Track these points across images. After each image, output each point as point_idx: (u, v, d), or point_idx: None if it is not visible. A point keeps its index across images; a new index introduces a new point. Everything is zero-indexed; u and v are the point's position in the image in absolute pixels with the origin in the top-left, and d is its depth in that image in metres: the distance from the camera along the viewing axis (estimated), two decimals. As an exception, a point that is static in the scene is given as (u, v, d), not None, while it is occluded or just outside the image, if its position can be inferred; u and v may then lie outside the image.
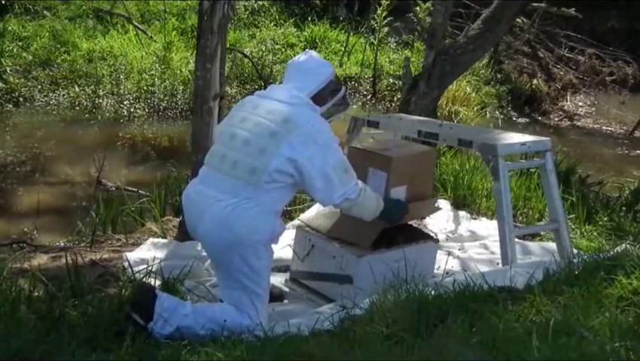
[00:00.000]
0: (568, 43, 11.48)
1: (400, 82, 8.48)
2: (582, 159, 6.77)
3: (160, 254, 3.97)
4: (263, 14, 11.44)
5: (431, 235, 3.80)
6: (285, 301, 3.59)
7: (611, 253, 3.26)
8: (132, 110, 8.83)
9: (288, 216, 4.63)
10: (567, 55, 11.45)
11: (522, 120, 10.18)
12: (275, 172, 2.99)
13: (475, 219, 4.90)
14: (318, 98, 3.17)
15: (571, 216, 4.81)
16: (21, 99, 8.83)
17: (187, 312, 2.99)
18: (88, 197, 5.66)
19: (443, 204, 5.01)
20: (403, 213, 3.47)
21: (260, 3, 11.58)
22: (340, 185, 3.05)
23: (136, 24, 10.34)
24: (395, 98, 9.55)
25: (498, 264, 3.86)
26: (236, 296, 3.05)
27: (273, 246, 3.14)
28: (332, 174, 3.02)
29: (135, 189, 5.52)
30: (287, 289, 3.71)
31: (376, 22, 10.27)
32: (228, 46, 5.55)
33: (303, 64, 3.27)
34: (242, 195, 3.01)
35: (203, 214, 3.07)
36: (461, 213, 4.92)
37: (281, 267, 3.85)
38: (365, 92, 10.11)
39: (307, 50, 3.46)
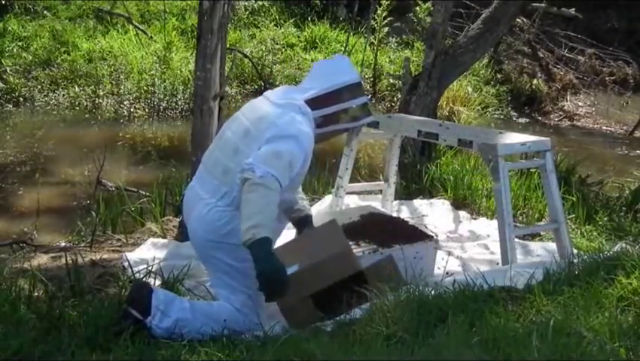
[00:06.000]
0: (568, 44, 11.47)
1: (400, 82, 8.48)
2: (582, 159, 6.76)
3: (160, 254, 3.97)
4: (263, 14, 11.44)
5: (431, 234, 3.79)
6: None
7: (611, 253, 3.26)
8: (132, 110, 8.83)
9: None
10: (567, 55, 11.44)
11: (522, 120, 10.17)
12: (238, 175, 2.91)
13: (475, 219, 4.90)
14: (323, 101, 3.10)
15: (571, 216, 4.81)
16: (21, 99, 8.83)
17: (185, 306, 3.00)
18: (88, 197, 5.66)
19: (444, 204, 5.02)
20: (278, 284, 2.81)
21: (260, 3, 11.58)
22: (259, 156, 2.84)
23: (136, 24, 10.34)
24: (395, 98, 9.55)
25: (498, 264, 3.86)
26: (226, 294, 3.06)
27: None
28: (264, 148, 2.87)
29: (136, 189, 5.51)
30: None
31: (376, 22, 10.26)
32: (228, 46, 5.55)
33: (323, 65, 3.27)
34: (218, 196, 3.01)
35: (190, 213, 3.12)
36: (462, 213, 4.92)
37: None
38: (365, 92, 10.10)
39: (340, 54, 3.37)
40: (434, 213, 4.84)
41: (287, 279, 2.81)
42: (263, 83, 9.52)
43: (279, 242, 3.30)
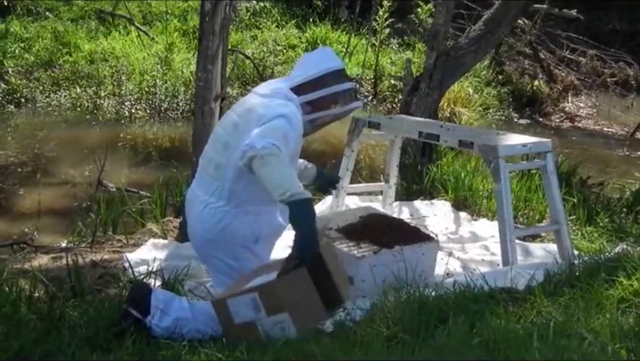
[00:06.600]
0: (569, 45, 11.47)
1: (402, 83, 8.48)
2: (583, 160, 6.75)
3: (161, 255, 3.97)
4: (264, 15, 11.45)
5: (432, 235, 3.79)
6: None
7: (612, 254, 3.26)
8: (133, 111, 8.84)
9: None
10: (568, 56, 11.45)
11: (523, 121, 10.17)
12: (238, 163, 2.88)
13: (476, 220, 4.89)
14: (305, 88, 3.08)
15: (571, 217, 4.81)
16: (23, 100, 8.84)
17: (184, 305, 2.99)
18: (89, 198, 5.65)
19: (444, 205, 5.02)
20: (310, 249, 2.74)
21: (262, 4, 11.59)
22: (255, 134, 2.80)
23: (138, 25, 10.35)
24: (396, 100, 9.55)
25: (498, 265, 3.86)
26: None
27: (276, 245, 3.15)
28: (257, 129, 2.84)
29: (136, 190, 5.52)
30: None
31: (378, 24, 10.27)
32: (230, 47, 5.55)
33: (307, 56, 3.30)
34: (210, 192, 3.03)
35: (190, 213, 3.16)
36: (462, 214, 4.91)
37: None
38: (366, 94, 10.11)
39: (325, 46, 3.40)
40: (435, 214, 4.84)
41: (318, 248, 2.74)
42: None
43: (279, 243, 3.31)
